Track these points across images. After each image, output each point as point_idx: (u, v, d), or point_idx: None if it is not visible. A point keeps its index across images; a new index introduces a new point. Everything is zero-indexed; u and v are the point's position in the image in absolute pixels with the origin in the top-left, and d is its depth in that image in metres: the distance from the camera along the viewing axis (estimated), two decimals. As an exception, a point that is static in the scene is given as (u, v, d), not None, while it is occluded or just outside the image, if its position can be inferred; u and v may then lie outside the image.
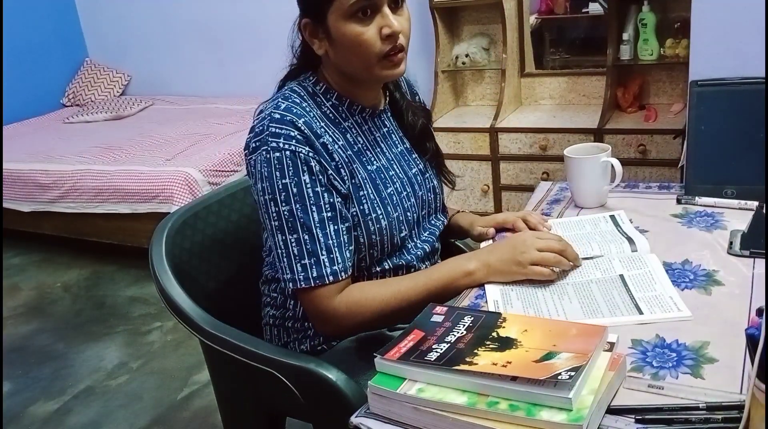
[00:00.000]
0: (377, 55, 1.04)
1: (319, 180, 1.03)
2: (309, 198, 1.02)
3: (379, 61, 1.05)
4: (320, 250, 1.03)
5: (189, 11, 3.99)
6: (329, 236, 1.03)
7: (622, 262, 1.06)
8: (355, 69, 1.08)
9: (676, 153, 2.57)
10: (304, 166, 1.02)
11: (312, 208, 1.02)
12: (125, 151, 3.25)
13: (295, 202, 1.02)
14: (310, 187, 1.02)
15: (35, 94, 4.30)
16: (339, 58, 1.07)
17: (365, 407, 0.82)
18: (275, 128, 1.03)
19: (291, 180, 1.02)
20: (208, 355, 1.33)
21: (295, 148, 1.02)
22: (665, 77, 2.97)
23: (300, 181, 1.02)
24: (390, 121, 1.21)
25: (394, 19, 1.03)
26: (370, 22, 1.02)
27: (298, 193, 1.02)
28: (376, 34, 1.03)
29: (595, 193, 1.32)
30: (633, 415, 0.74)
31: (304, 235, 1.02)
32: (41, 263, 3.30)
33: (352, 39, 1.03)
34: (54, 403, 2.18)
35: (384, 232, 1.10)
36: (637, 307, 0.94)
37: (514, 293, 1.03)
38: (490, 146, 3.00)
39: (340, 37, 1.04)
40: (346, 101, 1.12)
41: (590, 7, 3.11)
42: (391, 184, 1.14)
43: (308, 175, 1.02)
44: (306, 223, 1.02)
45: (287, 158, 1.02)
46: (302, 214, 1.02)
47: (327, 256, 1.03)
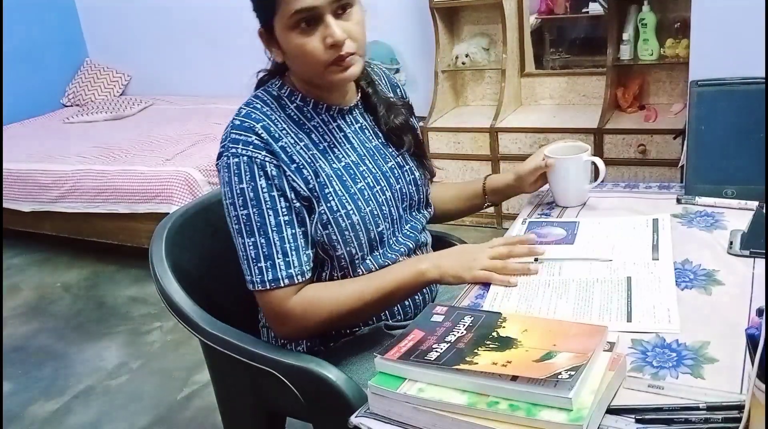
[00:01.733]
0: (323, 64, 1.05)
1: (276, 184, 1.05)
2: (265, 202, 1.04)
3: (327, 68, 1.06)
4: (276, 254, 1.05)
5: (189, 11, 3.99)
6: (286, 240, 1.05)
7: (636, 265, 1.06)
8: (306, 75, 1.11)
9: (676, 153, 2.57)
10: (260, 170, 1.04)
11: (268, 212, 1.04)
12: (125, 151, 3.25)
13: (252, 207, 1.04)
14: (266, 191, 1.04)
15: (35, 94, 4.30)
16: (292, 65, 1.10)
17: (365, 407, 0.82)
18: (235, 135, 1.06)
19: (248, 185, 1.04)
20: (208, 355, 1.33)
21: (252, 153, 1.04)
22: (665, 77, 2.97)
23: (256, 186, 1.04)
24: (364, 117, 1.20)
25: (337, 28, 1.03)
26: (313, 32, 1.03)
27: (254, 198, 1.04)
28: (321, 44, 1.03)
29: (574, 192, 1.32)
30: (633, 415, 0.74)
31: (260, 239, 1.04)
32: (41, 263, 3.30)
33: (297, 49, 1.05)
34: (54, 403, 2.18)
35: (357, 227, 1.11)
36: (628, 314, 0.94)
37: (517, 288, 1.03)
38: (490, 146, 3.00)
39: (287, 47, 1.06)
40: (311, 102, 1.13)
41: (590, 7, 3.12)
42: (361, 179, 1.14)
43: (264, 179, 1.04)
44: (262, 227, 1.04)
45: (244, 164, 1.04)
46: (258, 218, 1.04)
47: (283, 260, 1.05)
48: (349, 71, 1.07)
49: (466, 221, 3.12)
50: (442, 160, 3.13)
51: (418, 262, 1.10)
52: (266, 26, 1.07)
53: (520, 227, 1.25)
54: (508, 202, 3.03)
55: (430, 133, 3.12)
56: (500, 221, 3.09)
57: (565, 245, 1.15)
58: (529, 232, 1.22)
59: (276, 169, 1.05)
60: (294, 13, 1.01)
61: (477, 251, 1.09)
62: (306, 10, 1.01)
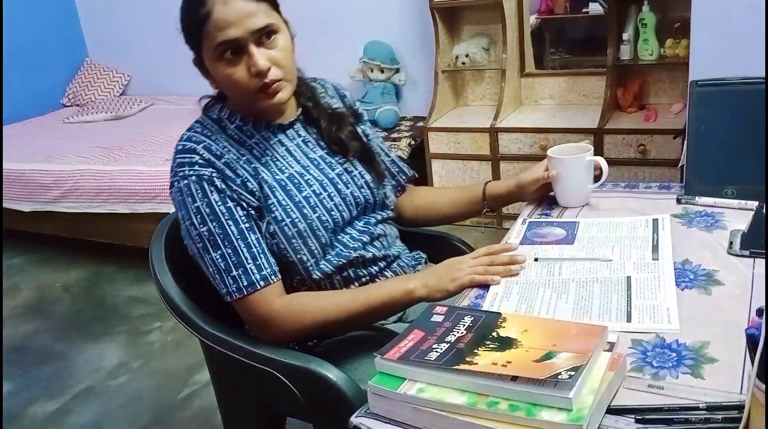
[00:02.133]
0: (251, 92, 1.09)
1: (229, 196, 1.08)
2: (222, 214, 1.07)
3: (255, 95, 1.09)
4: (245, 260, 1.07)
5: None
6: (252, 245, 1.08)
7: (636, 265, 1.06)
8: (238, 101, 1.15)
9: (676, 153, 2.57)
10: (210, 186, 1.07)
11: (228, 222, 1.07)
12: (125, 151, 3.25)
13: (211, 221, 1.07)
14: (221, 203, 1.07)
15: (35, 94, 4.30)
16: (225, 90, 1.15)
17: (365, 407, 0.82)
18: (180, 159, 1.10)
19: (201, 202, 1.07)
20: (208, 355, 1.33)
21: (198, 171, 1.08)
22: (665, 77, 2.97)
23: (210, 201, 1.07)
24: (306, 130, 1.23)
25: (260, 57, 1.06)
26: (239, 62, 1.06)
27: (211, 212, 1.07)
28: (246, 73, 1.07)
29: (577, 193, 1.32)
30: (633, 415, 0.74)
31: (227, 249, 1.07)
32: (41, 263, 3.30)
33: (225, 79, 1.09)
34: (54, 403, 2.18)
35: (304, 234, 1.13)
36: (628, 314, 0.94)
37: (517, 287, 1.03)
38: (490, 146, 3.00)
39: (217, 76, 1.10)
40: (251, 121, 1.16)
41: (590, 7, 3.12)
42: (306, 187, 1.16)
43: (216, 193, 1.07)
44: (226, 238, 1.07)
45: (194, 183, 1.08)
46: (220, 230, 1.07)
47: (254, 264, 1.07)
48: (277, 97, 1.10)
49: (466, 222, 3.12)
50: (442, 160, 3.13)
51: (407, 280, 1.11)
52: (198, 57, 1.12)
53: (520, 227, 1.25)
54: (508, 202, 3.03)
55: (430, 133, 3.12)
56: (500, 221, 3.09)
57: (565, 245, 1.15)
58: (529, 231, 1.22)
59: (223, 183, 1.08)
60: (217, 45, 1.05)
61: (460, 262, 1.11)
62: (228, 42, 1.04)
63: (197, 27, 1.05)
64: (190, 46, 1.12)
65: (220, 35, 1.04)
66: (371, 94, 3.47)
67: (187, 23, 1.09)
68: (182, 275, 1.22)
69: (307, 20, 4.02)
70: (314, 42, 4.03)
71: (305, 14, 3.69)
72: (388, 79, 3.46)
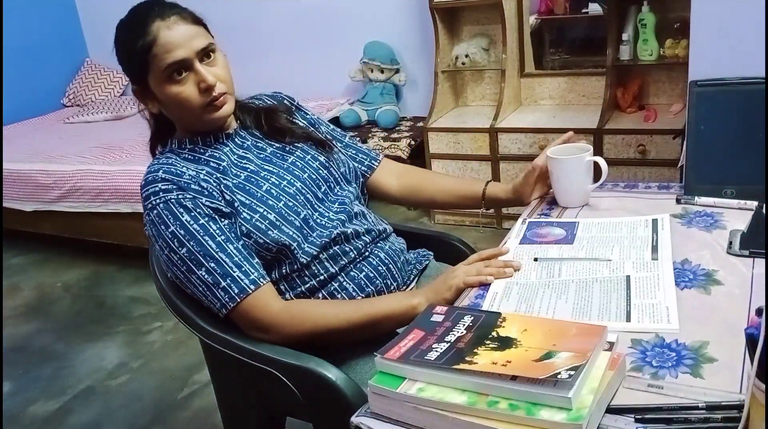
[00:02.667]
0: (200, 106, 1.15)
1: (199, 213, 1.11)
2: (198, 232, 1.10)
3: (204, 110, 1.16)
4: (231, 269, 1.09)
5: (189, 11, 3.99)
6: (233, 255, 1.10)
7: (635, 264, 1.06)
8: (186, 120, 1.20)
9: (676, 153, 2.57)
10: (180, 208, 1.10)
11: (204, 238, 1.10)
12: (125, 151, 3.25)
13: (188, 241, 1.09)
14: (194, 222, 1.10)
15: (35, 94, 4.30)
16: (171, 114, 1.20)
17: (366, 407, 0.82)
18: (145, 192, 1.14)
19: (175, 225, 1.10)
20: (209, 354, 1.34)
21: (165, 197, 1.11)
22: (665, 77, 2.97)
23: (183, 223, 1.10)
24: (250, 134, 1.28)
25: (207, 73, 1.13)
26: (186, 80, 1.13)
27: (186, 233, 1.10)
28: (195, 89, 1.14)
29: (577, 193, 1.32)
30: (633, 414, 0.74)
31: (210, 264, 1.09)
32: (41, 263, 3.30)
33: (173, 98, 1.14)
34: (54, 403, 2.18)
35: (277, 223, 1.16)
36: (628, 314, 0.94)
37: (516, 287, 1.04)
38: (489, 146, 3.00)
39: (164, 98, 1.15)
40: (199, 140, 1.21)
41: (590, 8, 3.12)
42: (264, 182, 1.20)
43: (186, 213, 1.10)
44: (207, 253, 1.09)
45: (163, 210, 1.11)
46: (199, 247, 1.09)
47: (239, 271, 1.09)
48: (223, 109, 1.17)
49: (466, 221, 3.13)
50: (442, 160, 3.13)
51: (411, 296, 1.13)
52: (140, 84, 1.17)
53: (520, 227, 1.25)
54: (508, 202, 3.03)
55: (430, 133, 3.12)
56: (500, 221, 3.09)
57: (565, 245, 1.16)
58: (529, 231, 1.22)
59: (191, 201, 1.11)
60: (167, 67, 1.11)
61: (454, 270, 1.12)
62: (177, 63, 1.11)
63: (142, 54, 1.11)
64: (132, 76, 1.17)
65: (168, 57, 1.10)
66: (371, 94, 3.47)
67: (129, 53, 1.14)
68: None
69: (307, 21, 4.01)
70: (314, 42, 4.04)
71: (306, 15, 3.70)
72: (388, 79, 3.47)
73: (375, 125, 3.43)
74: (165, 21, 1.12)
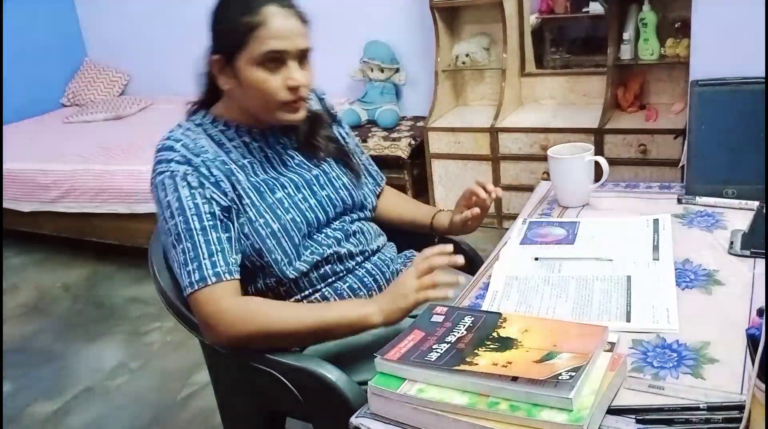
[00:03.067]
0: (279, 102, 1.14)
1: (199, 192, 1.10)
2: (189, 209, 1.09)
3: (280, 107, 1.15)
4: (202, 256, 1.08)
5: (189, 11, 3.98)
6: (211, 242, 1.08)
7: (636, 264, 1.05)
8: (255, 108, 1.17)
9: (677, 153, 2.57)
10: (182, 181, 1.10)
11: (192, 218, 1.09)
12: (125, 151, 3.25)
13: (179, 215, 1.09)
14: (190, 199, 1.09)
15: (35, 94, 4.30)
16: (242, 96, 1.16)
17: (365, 407, 0.82)
18: (159, 157, 1.13)
19: (172, 196, 1.10)
20: (208, 355, 1.33)
21: (173, 168, 1.11)
22: (666, 77, 2.97)
23: (180, 196, 1.09)
24: (283, 135, 1.25)
25: (299, 73, 1.13)
26: (276, 72, 1.12)
27: (179, 207, 1.09)
28: (281, 84, 1.12)
29: (577, 192, 1.32)
30: (634, 415, 0.74)
31: (187, 244, 1.08)
32: (41, 263, 3.30)
33: (257, 84, 1.12)
34: (54, 404, 2.17)
35: (278, 234, 1.14)
36: (628, 314, 0.93)
37: (517, 284, 1.03)
38: (490, 146, 3.00)
39: (247, 79, 1.13)
40: (233, 126, 1.20)
41: (591, 7, 3.11)
42: (279, 189, 1.18)
43: (187, 189, 1.10)
44: (189, 233, 1.08)
45: (167, 178, 1.11)
46: (185, 225, 1.09)
47: (209, 260, 1.08)
48: (297, 114, 1.17)
49: (466, 221, 3.12)
50: (443, 160, 3.13)
51: (364, 304, 1.09)
52: (228, 55, 1.13)
53: (521, 227, 1.25)
54: (508, 202, 3.03)
55: (430, 133, 3.11)
56: (500, 221, 3.09)
57: (566, 245, 1.15)
58: (529, 231, 1.22)
59: (196, 180, 1.10)
60: (267, 52, 1.10)
61: (405, 278, 1.07)
62: (277, 52, 1.10)
63: (245, 30, 1.10)
64: (222, 44, 1.14)
65: (272, 43, 1.10)
66: (371, 94, 3.46)
67: (230, 23, 1.12)
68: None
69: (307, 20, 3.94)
70: (315, 42, 4.03)
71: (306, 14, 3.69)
72: (388, 78, 3.46)
73: (375, 125, 3.43)
74: (281, 9, 1.12)
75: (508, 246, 1.18)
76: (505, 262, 1.13)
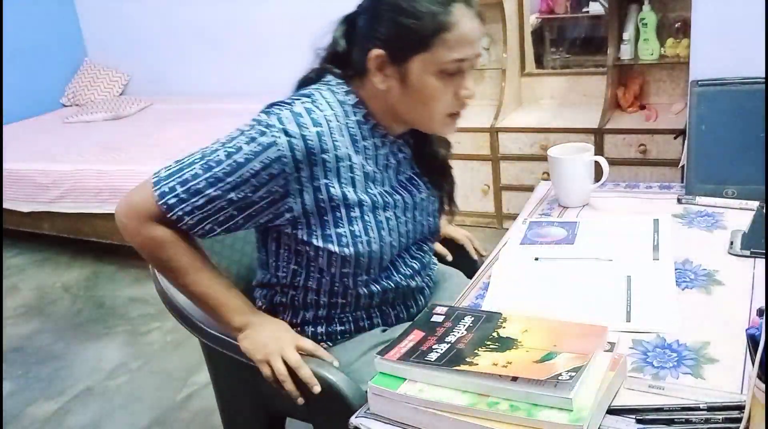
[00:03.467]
0: (444, 113, 1.03)
1: (266, 187, 0.97)
2: (242, 176, 0.96)
3: (443, 119, 1.04)
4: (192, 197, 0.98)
5: (189, 11, 3.99)
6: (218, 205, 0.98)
7: (636, 264, 1.05)
8: (412, 116, 1.05)
9: (677, 153, 2.57)
10: (267, 160, 0.95)
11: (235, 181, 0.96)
12: (125, 151, 3.25)
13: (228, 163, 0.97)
14: (252, 176, 0.96)
15: (35, 94, 4.30)
16: (402, 99, 1.02)
17: (365, 407, 0.81)
18: (286, 118, 0.97)
19: (248, 147, 0.96)
20: (208, 355, 1.33)
21: (281, 144, 0.95)
22: (666, 77, 2.97)
23: (252, 161, 0.95)
24: (406, 148, 1.14)
25: (472, 83, 1.02)
26: (450, 81, 1.00)
27: (237, 167, 0.96)
28: (452, 94, 1.01)
29: (577, 192, 1.32)
30: (634, 415, 0.74)
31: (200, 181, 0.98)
32: (41, 263, 3.30)
33: (429, 92, 1.00)
34: (53, 403, 2.17)
35: (374, 255, 1.05)
36: (628, 314, 0.93)
37: (517, 284, 1.03)
38: (490, 146, 3.00)
39: (416, 85, 1.00)
40: (371, 122, 1.06)
41: (591, 7, 3.11)
42: (391, 209, 1.07)
43: (263, 170, 0.96)
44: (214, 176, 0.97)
45: (264, 139, 0.96)
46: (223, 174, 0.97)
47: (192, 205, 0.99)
48: (455, 126, 1.07)
49: (467, 221, 3.12)
50: (442, 160, 3.13)
51: (244, 314, 1.07)
52: (399, 56, 0.99)
53: (521, 227, 1.25)
54: (508, 202, 3.03)
55: (430, 133, 3.11)
56: (501, 221, 3.09)
57: (566, 245, 1.15)
58: (529, 231, 1.22)
59: (284, 178, 0.97)
60: (453, 60, 0.97)
61: (285, 343, 1.05)
62: (464, 60, 0.98)
63: (431, 31, 0.96)
64: (399, 44, 0.98)
65: (460, 50, 0.97)
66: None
67: (418, 21, 0.96)
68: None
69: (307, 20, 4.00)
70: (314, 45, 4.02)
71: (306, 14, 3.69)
72: (388, 78, 3.46)
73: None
74: (469, 9, 0.98)
75: (508, 246, 1.18)
76: (505, 262, 1.13)
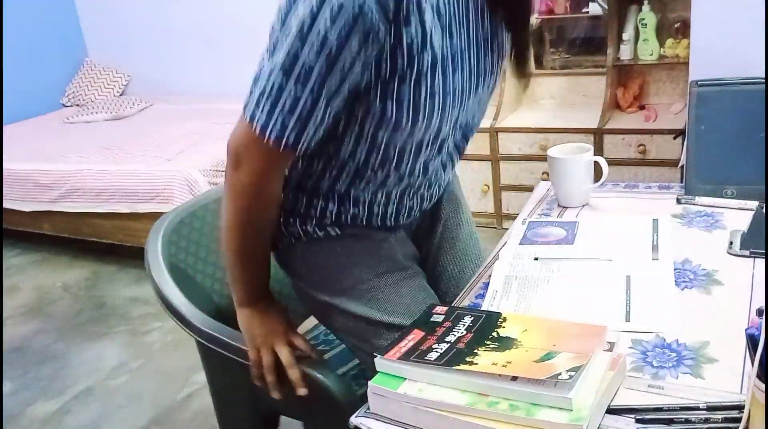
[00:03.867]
0: None
1: (367, 55, 0.81)
2: (341, 70, 0.82)
3: None
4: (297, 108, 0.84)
5: (189, 11, 3.99)
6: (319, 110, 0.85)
7: (636, 264, 1.05)
8: None
9: (676, 153, 2.57)
10: (361, 32, 0.79)
11: (332, 76, 0.82)
12: (125, 151, 3.25)
13: (317, 60, 0.81)
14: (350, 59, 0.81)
15: (35, 94, 4.30)
16: None
17: (365, 407, 0.82)
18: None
19: (335, 34, 0.79)
20: (204, 354, 1.33)
21: (369, 9, 0.78)
22: (665, 77, 2.97)
23: (343, 46, 0.79)
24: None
25: None
26: None
27: (330, 55, 0.80)
28: None
29: (577, 193, 1.32)
30: (633, 415, 0.74)
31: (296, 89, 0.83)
32: (41, 263, 3.30)
33: None
34: (53, 403, 2.17)
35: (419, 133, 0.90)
36: (628, 314, 0.93)
37: (517, 284, 1.03)
38: (490, 146, 3.00)
39: None
40: None
41: (590, 7, 3.11)
42: (459, 70, 0.90)
43: (357, 45, 0.80)
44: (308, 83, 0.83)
45: (349, 12, 0.78)
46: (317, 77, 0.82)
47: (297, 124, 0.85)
48: None
49: (466, 221, 3.12)
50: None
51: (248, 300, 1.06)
52: None
53: (520, 227, 1.25)
54: (508, 202, 3.03)
55: (430, 133, 3.11)
56: (500, 221, 3.09)
57: (565, 245, 1.15)
58: (529, 231, 1.22)
59: (382, 38, 0.80)
60: None
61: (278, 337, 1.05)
62: None
63: None
64: None
65: None
66: (371, 94, 3.46)
67: None
68: (179, 274, 1.22)
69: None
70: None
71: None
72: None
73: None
74: None
75: (507, 246, 1.18)
76: (505, 262, 1.13)
